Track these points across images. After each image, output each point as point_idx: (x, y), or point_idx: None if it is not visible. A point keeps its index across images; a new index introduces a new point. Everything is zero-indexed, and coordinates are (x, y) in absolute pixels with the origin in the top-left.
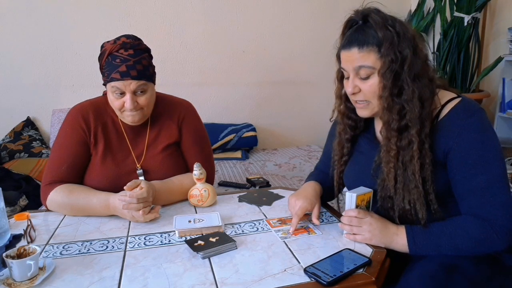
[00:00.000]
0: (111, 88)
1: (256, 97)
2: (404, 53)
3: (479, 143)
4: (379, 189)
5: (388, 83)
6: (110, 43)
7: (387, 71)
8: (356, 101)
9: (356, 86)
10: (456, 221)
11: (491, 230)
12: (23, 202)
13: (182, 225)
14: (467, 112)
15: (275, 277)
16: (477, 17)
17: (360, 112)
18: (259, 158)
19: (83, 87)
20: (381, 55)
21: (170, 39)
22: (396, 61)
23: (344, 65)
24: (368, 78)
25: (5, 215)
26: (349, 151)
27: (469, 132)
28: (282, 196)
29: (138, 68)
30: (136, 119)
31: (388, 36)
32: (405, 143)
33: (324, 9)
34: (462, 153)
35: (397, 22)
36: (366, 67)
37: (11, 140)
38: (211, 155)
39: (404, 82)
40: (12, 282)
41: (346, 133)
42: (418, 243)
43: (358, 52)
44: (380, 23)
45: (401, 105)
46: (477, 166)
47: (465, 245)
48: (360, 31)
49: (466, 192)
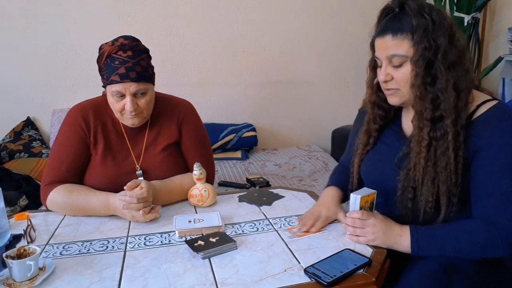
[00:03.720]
0: (111, 91)
1: (256, 97)
2: (439, 41)
3: (510, 147)
4: (402, 179)
5: (421, 71)
6: (108, 45)
7: (420, 58)
8: (388, 88)
9: (389, 74)
10: (462, 226)
11: (497, 236)
12: (23, 202)
13: (182, 225)
14: (504, 115)
15: (275, 277)
16: (477, 17)
17: (391, 100)
18: (259, 158)
19: (83, 87)
20: (414, 42)
21: (170, 39)
22: (429, 49)
23: (378, 53)
24: (401, 66)
25: (5, 215)
26: (375, 141)
27: (502, 134)
28: (282, 196)
29: (137, 70)
30: (136, 122)
31: (423, 23)
32: (439, 134)
33: (324, 9)
34: (491, 155)
35: (434, 10)
36: (399, 56)
37: (11, 140)
38: (211, 155)
39: (438, 71)
40: (12, 282)
41: (375, 123)
42: (422, 245)
43: (392, 39)
44: (416, 10)
45: (434, 94)
46: (503, 170)
47: (468, 250)
48: (396, 19)
49: (485, 193)
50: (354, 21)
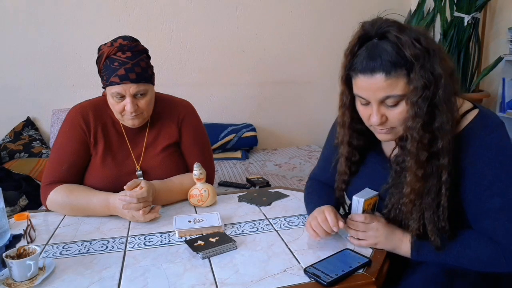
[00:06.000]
0: (111, 92)
1: (256, 97)
2: (436, 73)
3: (496, 163)
4: (386, 211)
5: (421, 112)
6: (107, 46)
7: (420, 99)
8: (381, 128)
9: (383, 115)
10: (467, 241)
11: (501, 254)
12: (23, 202)
13: (182, 225)
14: (485, 129)
15: (275, 277)
16: (477, 17)
17: (383, 137)
18: (259, 158)
19: (83, 87)
20: (411, 79)
21: (170, 39)
22: (429, 85)
23: (365, 94)
24: (396, 105)
25: (5, 215)
26: (357, 167)
27: (486, 151)
28: (282, 196)
29: (137, 71)
30: (136, 123)
31: (417, 55)
32: (431, 172)
33: (324, 9)
34: (478, 173)
35: (421, 35)
36: (394, 97)
37: (11, 140)
38: (211, 155)
39: (436, 108)
40: (12, 282)
41: (355, 156)
42: (422, 254)
43: (385, 79)
44: (406, 40)
45: (433, 135)
46: (493, 187)
47: (471, 265)
48: (382, 51)
49: (479, 214)
50: (354, 21)
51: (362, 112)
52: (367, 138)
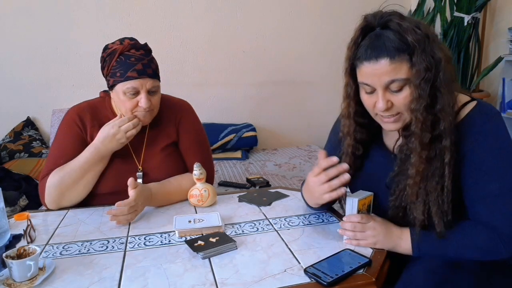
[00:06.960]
0: (125, 88)
1: (256, 97)
2: (436, 57)
3: (494, 150)
4: (393, 199)
5: (425, 94)
6: (116, 44)
7: (422, 81)
8: (387, 116)
9: (389, 101)
10: (464, 230)
11: (498, 240)
12: (23, 202)
13: (182, 225)
14: (483, 117)
15: (275, 277)
16: (477, 17)
17: (391, 126)
18: (259, 158)
19: (83, 87)
20: (413, 63)
21: (170, 39)
22: (430, 68)
23: (370, 80)
24: (401, 90)
25: (5, 215)
26: (362, 162)
27: (485, 138)
28: (282, 196)
29: (152, 67)
30: (147, 120)
31: (418, 40)
32: (434, 154)
33: (325, 9)
34: (477, 160)
35: (420, 23)
36: (399, 80)
37: (11, 140)
38: (210, 155)
39: (438, 90)
40: (12, 282)
41: (359, 150)
42: (423, 248)
43: (390, 64)
44: (407, 26)
45: (435, 116)
46: (491, 173)
47: (470, 254)
48: (384, 38)
49: (477, 198)
50: (354, 21)
51: (367, 102)
52: (369, 131)
